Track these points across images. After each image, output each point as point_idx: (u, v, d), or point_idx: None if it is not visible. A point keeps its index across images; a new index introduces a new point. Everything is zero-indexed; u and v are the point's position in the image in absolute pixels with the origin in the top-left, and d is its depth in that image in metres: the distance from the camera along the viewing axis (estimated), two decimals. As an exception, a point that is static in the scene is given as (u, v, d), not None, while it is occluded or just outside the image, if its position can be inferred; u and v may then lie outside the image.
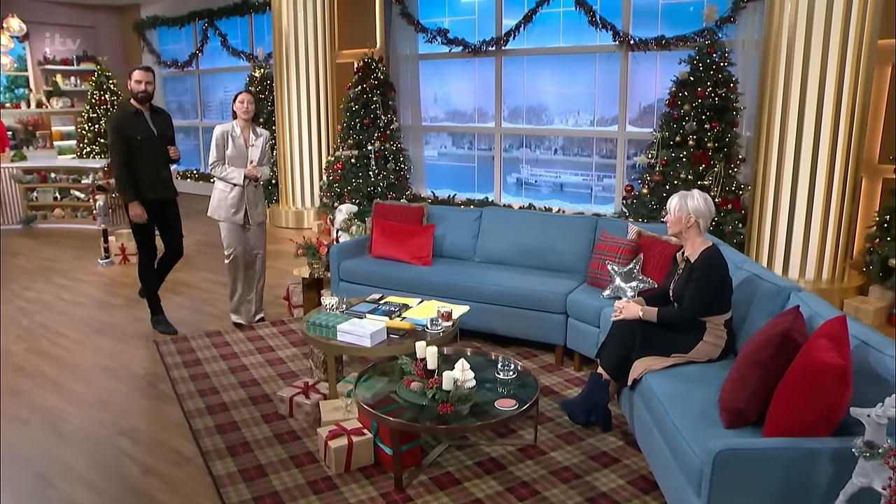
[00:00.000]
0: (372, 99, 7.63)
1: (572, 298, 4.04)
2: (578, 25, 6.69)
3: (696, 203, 3.07)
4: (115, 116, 4.56)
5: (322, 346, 3.52)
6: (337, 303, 3.79)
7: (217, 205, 4.70)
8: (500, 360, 3.21)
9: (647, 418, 2.82)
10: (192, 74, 11.39)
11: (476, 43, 7.40)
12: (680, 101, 5.59)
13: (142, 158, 4.49)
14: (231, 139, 4.59)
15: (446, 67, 7.88)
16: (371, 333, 3.37)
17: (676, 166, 5.57)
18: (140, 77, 4.50)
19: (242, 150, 4.63)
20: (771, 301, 2.94)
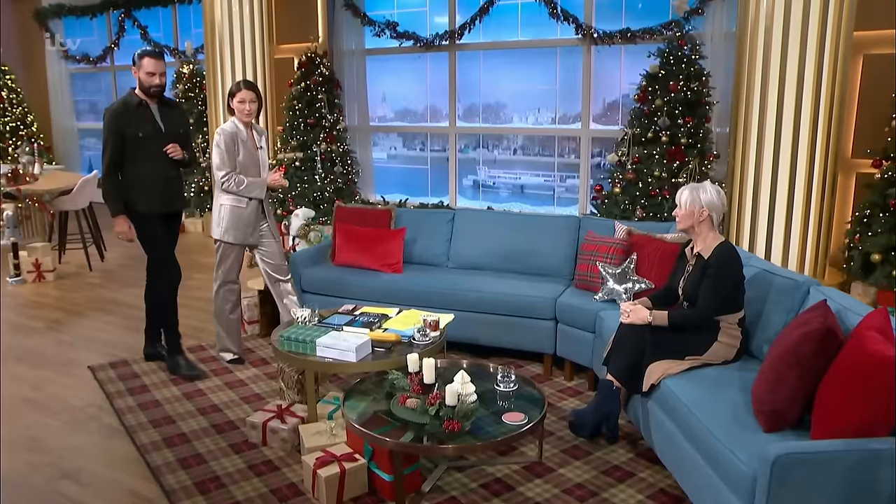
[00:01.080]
0: (316, 97, 7.40)
1: (562, 303, 3.97)
2: (538, 18, 6.69)
3: (709, 196, 3.05)
4: (111, 109, 3.90)
5: (299, 364, 3.30)
6: (309, 315, 3.58)
7: (231, 224, 4.08)
8: (500, 371, 3.09)
9: (669, 426, 2.76)
10: (107, 71, 10.79)
11: (428, 37, 7.31)
12: (651, 96, 5.64)
13: (142, 160, 3.91)
14: (240, 143, 4.04)
15: (395, 63, 7.75)
16: (356, 347, 3.18)
17: (650, 163, 5.61)
18: (153, 68, 3.88)
19: (254, 154, 4.12)
20: (788, 297, 2.94)
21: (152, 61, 3.90)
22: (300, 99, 7.43)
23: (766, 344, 2.99)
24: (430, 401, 2.83)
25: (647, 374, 2.95)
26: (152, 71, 3.89)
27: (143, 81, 3.91)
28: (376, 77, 7.87)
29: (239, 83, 4.06)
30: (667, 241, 3.84)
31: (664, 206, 5.50)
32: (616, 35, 6.38)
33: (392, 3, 7.62)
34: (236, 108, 4.04)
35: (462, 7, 7.17)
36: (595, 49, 6.58)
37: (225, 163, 4.01)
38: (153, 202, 4.00)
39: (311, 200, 7.32)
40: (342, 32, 7.81)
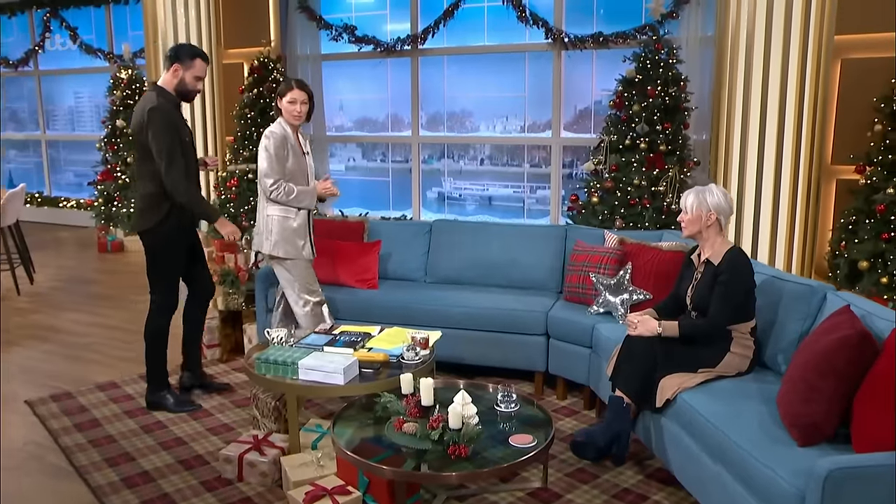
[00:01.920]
0: (270, 105, 7.20)
1: (554, 317, 3.89)
2: (506, 22, 6.69)
3: (716, 199, 3.02)
4: (159, 108, 3.50)
5: (279, 388, 3.12)
6: (286, 335, 3.40)
7: (280, 237, 3.81)
8: (500, 391, 2.98)
9: (688, 443, 2.69)
10: (30, 76, 10.31)
11: (388, 41, 7.21)
12: (628, 102, 5.67)
13: (192, 170, 3.68)
14: (290, 148, 3.76)
15: (354, 69, 7.63)
16: (344, 368, 3.02)
17: (628, 171, 5.62)
18: (204, 72, 3.64)
19: (302, 160, 3.85)
20: (804, 303, 2.92)
21: (204, 65, 3.64)
22: (252, 106, 7.22)
23: (781, 354, 2.97)
24: (432, 424, 2.69)
25: (661, 389, 2.88)
26: (200, 75, 3.64)
27: (189, 84, 3.62)
28: (333, 84, 7.73)
29: (290, 81, 3.78)
30: (663, 250, 3.81)
31: (644, 216, 5.50)
32: (588, 39, 6.42)
33: (350, 5, 7.53)
34: (285, 109, 3.75)
35: (425, 10, 7.12)
36: (566, 54, 6.60)
37: (274, 169, 3.72)
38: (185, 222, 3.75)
39: (265, 215, 7.09)
40: (296, 36, 7.65)
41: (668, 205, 5.49)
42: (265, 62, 7.26)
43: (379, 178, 7.80)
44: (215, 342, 4.58)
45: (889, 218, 4.80)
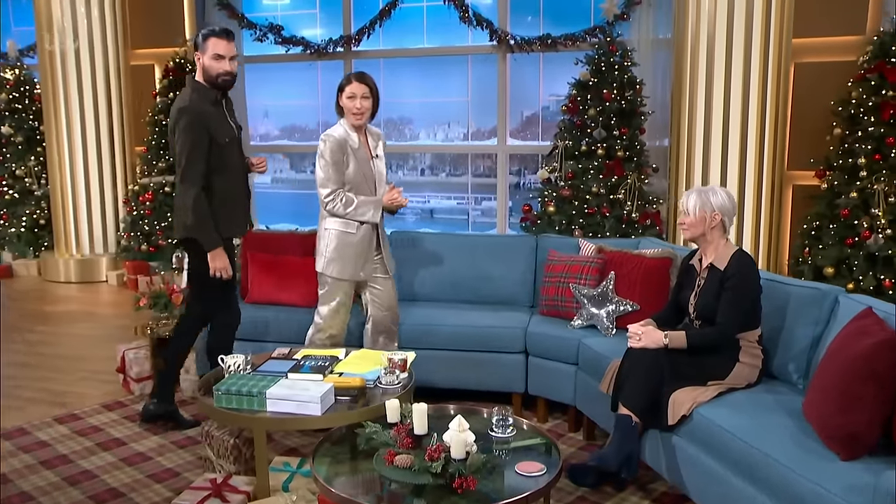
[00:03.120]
0: (188, 110, 6.82)
1: (533, 332, 3.77)
2: (447, 22, 6.61)
3: (720, 199, 2.98)
4: (189, 107, 3.29)
5: (244, 423, 2.85)
6: (243, 362, 3.12)
7: (337, 254, 3.51)
8: (495, 414, 2.81)
9: (710, 463, 2.60)
10: None
11: (319, 42, 7.00)
12: (583, 106, 5.66)
13: (227, 175, 3.39)
14: (351, 152, 3.45)
15: (280, 73, 7.38)
16: (321, 397, 2.77)
17: (585, 179, 5.60)
18: (224, 49, 3.30)
19: (367, 166, 3.51)
20: (814, 308, 2.90)
21: (221, 42, 3.31)
22: (168, 113, 6.80)
23: (792, 362, 2.93)
24: (431, 455, 2.48)
25: (673, 405, 2.79)
26: (222, 53, 3.30)
27: (210, 69, 3.32)
28: (257, 89, 7.45)
29: (349, 75, 3.45)
30: (647, 257, 3.75)
31: (605, 225, 5.49)
32: (535, 42, 6.41)
33: (275, 3, 7.26)
34: (345, 106, 3.43)
35: (359, 10, 6.95)
36: (511, 57, 6.57)
37: (330, 178, 3.43)
38: (235, 225, 3.55)
39: (183, 232, 6.69)
40: (215, 36, 7.30)
41: (629, 213, 5.50)
42: (182, 63, 6.90)
43: (309, 191, 7.49)
44: (145, 375, 4.20)
45: (852, 223, 4.95)
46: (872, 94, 4.96)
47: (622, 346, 3.35)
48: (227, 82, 3.38)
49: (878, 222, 4.81)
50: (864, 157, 4.91)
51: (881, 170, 4.87)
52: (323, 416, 2.77)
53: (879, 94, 4.91)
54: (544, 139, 6.71)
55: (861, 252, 4.88)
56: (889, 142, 4.85)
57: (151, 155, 6.89)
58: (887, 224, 4.82)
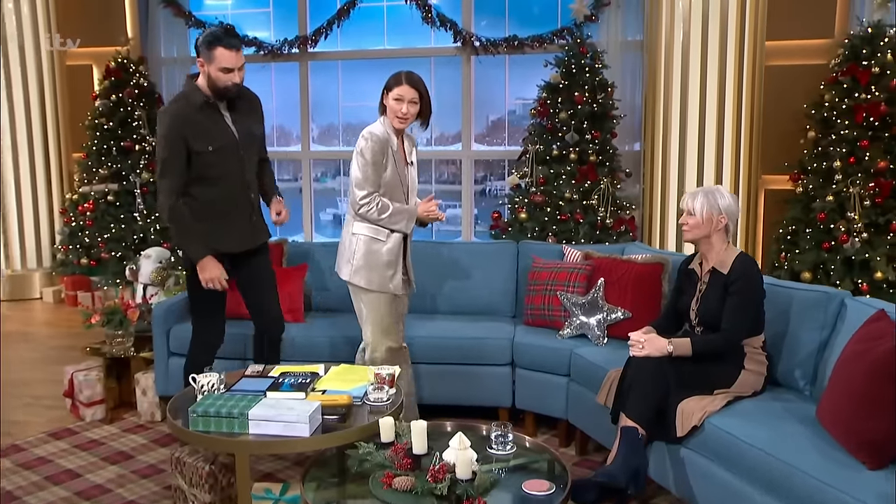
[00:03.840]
0: (133, 113, 6.56)
1: (521, 343, 3.69)
2: (409, 23, 6.52)
3: (726, 201, 2.95)
4: (168, 111, 3.16)
5: (225, 447, 2.69)
6: (217, 381, 2.95)
7: (365, 263, 3.31)
8: (494, 430, 2.72)
9: (725, 476, 2.55)
10: None
11: (274, 43, 6.82)
12: (553, 109, 5.63)
13: (212, 185, 3.20)
14: (391, 154, 3.27)
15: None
16: (310, 416, 2.63)
17: (558, 184, 5.57)
18: (230, 61, 3.07)
19: (403, 172, 3.35)
20: (819, 311, 2.89)
21: (229, 53, 3.07)
22: (111, 116, 6.55)
23: (798, 368, 2.92)
24: (435, 476, 2.37)
25: (682, 415, 2.73)
26: (229, 66, 3.08)
27: (216, 80, 3.10)
28: (206, 91, 7.20)
29: (399, 74, 3.28)
30: (637, 263, 3.71)
31: (579, 232, 5.46)
32: (501, 43, 6.36)
33: (226, 2, 7.08)
34: (389, 107, 3.26)
35: (315, 9, 6.81)
36: (476, 59, 6.52)
37: (368, 179, 3.23)
38: (228, 239, 3.31)
39: (128, 245, 6.42)
40: (160, 35, 7.08)
41: (602, 219, 5.49)
42: (124, 64, 6.63)
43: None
44: (97, 399, 3.97)
45: (829, 227, 5.03)
46: (845, 96, 5.05)
47: (617, 356, 3.32)
48: (232, 91, 3.16)
49: (854, 226, 4.89)
50: (839, 160, 4.99)
51: (856, 173, 4.96)
52: (312, 437, 2.62)
53: (852, 97, 5.00)
54: (511, 144, 6.68)
55: (838, 256, 4.96)
56: (863, 145, 4.94)
57: (92, 161, 6.59)
58: (863, 228, 4.90)
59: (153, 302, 4.20)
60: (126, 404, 4.13)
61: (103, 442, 3.70)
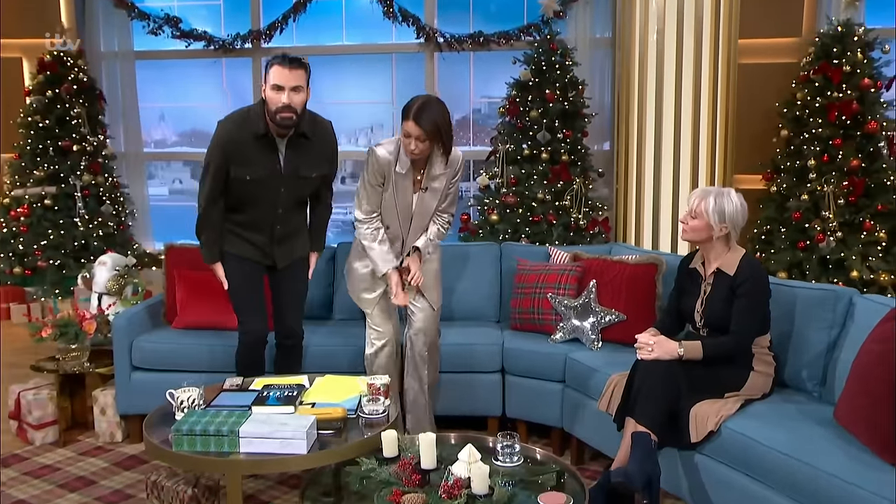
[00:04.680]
0: (70, 111, 6.27)
1: (512, 349, 3.64)
2: (369, 18, 6.39)
3: (733, 207, 2.93)
4: (223, 127, 3.16)
5: (214, 468, 2.55)
6: (197, 397, 2.80)
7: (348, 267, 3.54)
8: (500, 442, 2.64)
9: (746, 483, 2.55)
10: None
11: (224, 37, 6.62)
12: (524, 108, 5.60)
13: (244, 209, 3.27)
14: (392, 177, 3.24)
15: (179, 71, 6.93)
16: (307, 432, 2.51)
17: (530, 185, 5.53)
18: (283, 79, 3.02)
19: (406, 197, 3.29)
20: (827, 310, 2.91)
21: (283, 71, 3.02)
22: (46, 114, 6.24)
23: (806, 369, 2.93)
24: (450, 492, 2.29)
25: (696, 420, 2.71)
26: (281, 84, 3.02)
27: (269, 102, 3.06)
28: (152, 88, 6.96)
29: (409, 108, 3.17)
30: (630, 264, 3.68)
31: (553, 233, 5.43)
32: (465, 40, 6.30)
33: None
34: (402, 139, 3.19)
35: (269, 2, 6.63)
36: (440, 56, 6.44)
37: (365, 198, 3.30)
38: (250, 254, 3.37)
39: (68, 252, 6.13)
40: (99, 27, 6.78)
41: (576, 220, 5.47)
42: (60, 56, 6.33)
43: (214, 203, 7.11)
44: (49, 420, 3.73)
45: (803, 226, 5.12)
46: (817, 95, 5.15)
47: (615, 360, 3.30)
48: (287, 121, 3.06)
49: (829, 225, 4.98)
50: (813, 158, 5.09)
51: (830, 171, 5.06)
52: (310, 454, 2.50)
53: (825, 96, 5.11)
54: (476, 144, 6.63)
55: (814, 255, 5.05)
56: (836, 143, 5.05)
57: (25, 162, 6.26)
58: (838, 227, 5.00)
59: (110, 312, 3.99)
60: (80, 425, 3.92)
61: (58, 467, 3.48)
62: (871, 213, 5.02)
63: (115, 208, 6.50)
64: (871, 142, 5.09)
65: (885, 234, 5.01)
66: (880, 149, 5.10)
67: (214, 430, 2.51)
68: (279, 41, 6.62)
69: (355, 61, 6.71)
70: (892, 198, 5.04)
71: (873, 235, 5.00)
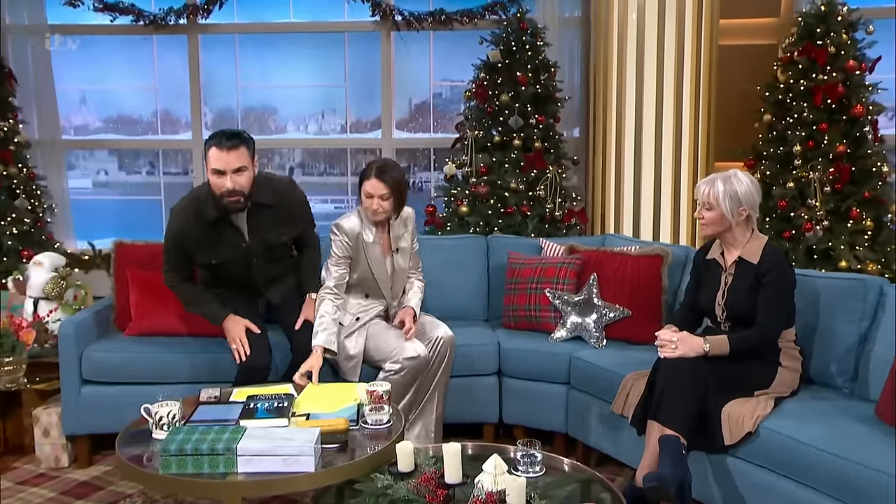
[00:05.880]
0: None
1: (511, 349, 3.61)
2: (320, -7, 6.27)
3: (745, 187, 2.93)
4: (174, 222, 3.28)
5: (209, 492, 2.39)
6: (178, 410, 2.64)
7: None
8: (520, 451, 2.57)
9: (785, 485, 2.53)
10: None
11: (156, 12, 6.32)
12: (493, 91, 5.53)
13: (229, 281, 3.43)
14: (362, 247, 3.36)
15: (103, 48, 6.61)
16: (316, 448, 2.38)
17: (502, 173, 5.47)
18: (222, 163, 3.09)
19: (380, 264, 3.41)
20: (857, 301, 2.94)
21: (218, 153, 3.09)
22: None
23: (835, 363, 2.95)
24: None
25: (729, 421, 2.69)
26: (221, 168, 3.09)
27: (213, 186, 3.15)
28: (70, 68, 6.61)
29: (370, 167, 3.30)
30: (633, 256, 3.66)
31: (527, 226, 5.38)
32: (425, 18, 6.19)
33: (94, -39, 6.54)
34: (363, 200, 3.34)
35: (207, -26, 6.40)
36: (397, 35, 6.32)
37: (329, 271, 3.39)
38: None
39: (-20, 253, 5.78)
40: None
41: (551, 211, 5.44)
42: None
43: (146, 197, 6.88)
44: (-18, 443, 3.49)
45: (788, 215, 5.20)
46: (801, 77, 5.23)
47: (625, 359, 3.29)
48: (235, 205, 3.16)
49: (816, 213, 5.07)
50: (799, 144, 5.17)
51: (816, 157, 5.15)
52: (319, 472, 2.37)
53: (809, 78, 5.19)
54: (437, 131, 6.53)
55: (800, 245, 5.13)
56: (822, 128, 5.13)
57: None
58: (825, 215, 5.10)
59: (50, 319, 3.75)
60: (16, 450, 3.69)
61: (-9, 498, 3.25)
62: (858, 201, 5.12)
63: (30, 203, 6.14)
64: (856, 126, 5.19)
65: (872, 222, 5.13)
66: (866, 133, 5.21)
67: (208, 449, 2.35)
68: (218, 17, 6.36)
69: (304, 41, 6.54)
70: (878, 185, 5.16)
71: (860, 224, 5.11)
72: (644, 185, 5.38)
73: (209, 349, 3.51)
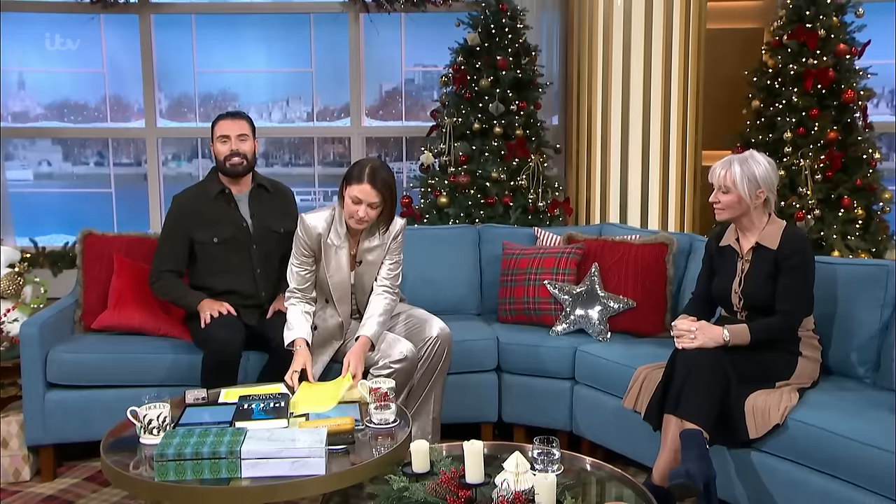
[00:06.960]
0: None
1: (511, 344, 3.59)
2: (282, -29, 6.19)
3: (763, 169, 2.93)
4: (178, 198, 3.54)
5: (213, 500, 2.29)
6: (168, 413, 2.55)
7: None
8: (536, 449, 2.54)
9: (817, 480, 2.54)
10: None
11: (104, -10, 6.20)
12: (472, 76, 5.50)
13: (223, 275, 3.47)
14: (324, 250, 3.21)
15: (45, 27, 6.47)
16: (325, 450, 2.32)
17: (482, 162, 5.44)
18: (227, 129, 3.44)
19: (343, 273, 3.24)
20: (877, 287, 2.96)
21: (225, 122, 3.45)
22: None
23: (856, 352, 2.97)
24: (511, 511, 2.16)
25: (754, 414, 2.69)
26: (226, 133, 3.42)
27: (217, 155, 3.45)
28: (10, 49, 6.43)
29: (363, 170, 3.06)
30: (636, 244, 3.65)
31: (510, 217, 5.36)
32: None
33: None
34: (346, 205, 3.11)
35: (161, -51, 6.28)
36: (366, 18, 6.26)
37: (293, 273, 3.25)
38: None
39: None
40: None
41: (534, 202, 5.43)
42: None
43: (94, 190, 6.75)
44: (-62, 454, 3.33)
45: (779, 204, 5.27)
46: (791, 62, 5.30)
47: (633, 351, 3.30)
48: (237, 167, 3.42)
49: (808, 202, 5.14)
50: (789, 131, 5.24)
51: (807, 144, 5.22)
52: (329, 475, 2.31)
53: (799, 63, 5.26)
54: (409, 118, 6.48)
55: (791, 236, 5.21)
56: (813, 114, 5.21)
57: None
58: (816, 204, 5.17)
59: (7, 320, 3.60)
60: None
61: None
62: (850, 189, 5.21)
63: (-33, 197, 5.98)
64: (846, 112, 5.28)
65: (863, 211, 5.22)
66: (856, 120, 5.30)
67: (209, 453, 2.27)
68: (172, -4, 6.27)
69: (267, 22, 6.46)
70: (868, 173, 5.26)
71: (851, 212, 5.19)
72: (631, 174, 5.40)
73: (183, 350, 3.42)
